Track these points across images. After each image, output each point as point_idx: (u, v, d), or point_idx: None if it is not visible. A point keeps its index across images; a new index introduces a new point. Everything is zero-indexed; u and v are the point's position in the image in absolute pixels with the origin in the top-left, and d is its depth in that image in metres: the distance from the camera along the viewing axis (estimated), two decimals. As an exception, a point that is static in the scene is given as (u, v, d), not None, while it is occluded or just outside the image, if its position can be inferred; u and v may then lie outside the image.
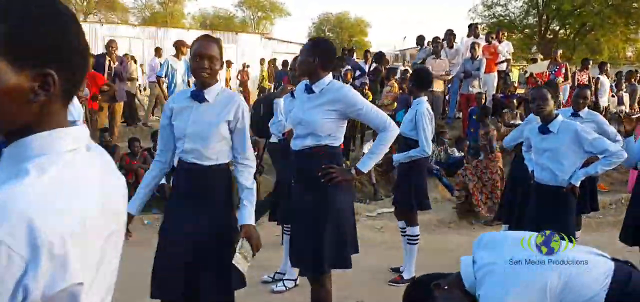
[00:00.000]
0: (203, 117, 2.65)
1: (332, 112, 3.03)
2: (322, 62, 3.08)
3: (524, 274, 1.67)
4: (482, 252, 1.84)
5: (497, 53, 9.72)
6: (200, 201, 2.66)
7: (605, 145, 3.59)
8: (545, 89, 3.86)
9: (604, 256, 1.91)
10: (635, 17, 22.16)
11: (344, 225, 3.10)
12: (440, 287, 1.76)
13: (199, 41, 2.65)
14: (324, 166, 3.01)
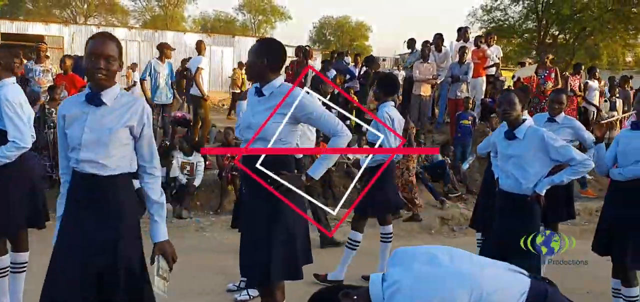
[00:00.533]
0: (101, 123, 2.39)
1: (282, 116, 2.93)
2: (271, 64, 2.98)
3: (432, 291, 1.56)
4: (393, 268, 1.74)
5: (486, 57, 9.60)
6: (101, 214, 2.41)
7: (571, 153, 3.47)
8: (512, 94, 3.75)
9: (521, 273, 1.80)
10: (635, 22, 21.99)
11: (294, 235, 2.99)
12: (349, 296, 1.66)
13: (93, 39, 2.43)
14: (271, 178, 2.91)
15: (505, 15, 25.78)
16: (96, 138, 2.38)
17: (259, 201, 3.00)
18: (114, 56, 2.40)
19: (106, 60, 2.37)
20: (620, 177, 3.89)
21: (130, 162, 2.49)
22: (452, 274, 1.62)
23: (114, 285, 2.40)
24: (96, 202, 2.41)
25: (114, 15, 36.72)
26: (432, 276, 1.61)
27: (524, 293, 1.69)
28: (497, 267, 1.79)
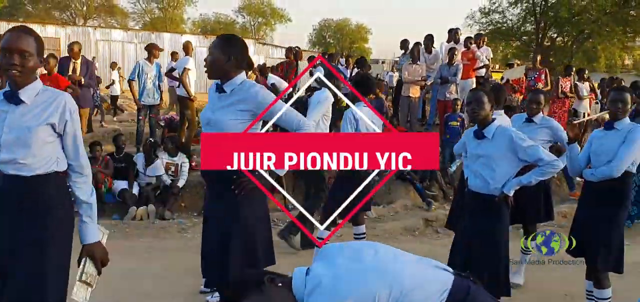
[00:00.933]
0: (21, 122, 2.27)
1: (244, 113, 2.90)
2: (237, 61, 2.96)
3: (351, 289, 1.53)
4: (317, 263, 1.71)
5: (475, 59, 9.56)
6: (27, 217, 2.30)
7: (539, 154, 3.43)
8: (482, 93, 3.70)
9: (445, 270, 1.77)
10: (633, 25, 21.92)
11: (254, 236, 2.95)
12: (274, 282, 1.63)
13: (7, 33, 2.31)
14: (235, 177, 2.87)
15: (503, 17, 25.74)
16: (15, 137, 2.26)
17: (219, 202, 2.97)
18: (30, 52, 2.28)
19: (21, 56, 2.26)
20: (592, 178, 3.84)
21: (57, 160, 2.38)
22: (373, 270, 1.59)
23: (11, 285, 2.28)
24: (20, 204, 2.30)
25: (113, 17, 36.81)
26: (353, 271, 1.58)
27: (445, 290, 1.66)
28: (422, 264, 1.76)
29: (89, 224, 2.46)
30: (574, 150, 3.91)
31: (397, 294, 1.55)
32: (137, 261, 5.15)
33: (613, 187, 3.77)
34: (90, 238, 2.47)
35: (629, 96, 3.87)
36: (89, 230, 2.46)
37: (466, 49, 9.65)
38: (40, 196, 2.32)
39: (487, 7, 25.31)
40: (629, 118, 3.83)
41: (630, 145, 3.71)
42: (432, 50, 9.79)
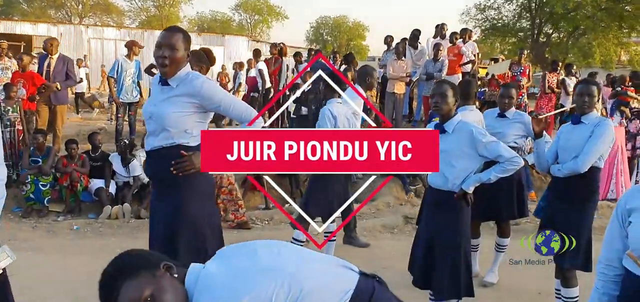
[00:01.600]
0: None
1: (189, 105, 2.81)
2: (188, 55, 2.89)
3: (247, 288, 1.44)
4: (213, 261, 1.62)
5: (461, 54, 9.46)
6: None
7: (499, 150, 3.34)
8: (446, 85, 3.60)
9: (351, 270, 1.68)
10: (628, 20, 21.77)
11: (202, 234, 2.86)
12: (170, 271, 1.54)
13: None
14: (174, 162, 2.77)
15: (499, 14, 25.61)
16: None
17: (163, 198, 2.88)
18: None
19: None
20: (559, 174, 3.75)
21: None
22: (271, 269, 1.50)
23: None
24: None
25: (109, 16, 36.71)
26: (249, 271, 1.50)
27: (349, 290, 1.57)
28: (326, 264, 1.67)
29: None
30: (540, 145, 3.81)
31: (296, 294, 1.46)
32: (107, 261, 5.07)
33: (580, 184, 3.68)
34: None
35: (596, 89, 3.78)
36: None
37: (452, 45, 9.54)
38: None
39: (482, 3, 25.18)
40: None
41: (597, 139, 3.62)
42: (417, 46, 9.68)
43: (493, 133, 4.59)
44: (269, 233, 6.28)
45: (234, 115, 2.89)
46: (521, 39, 25.16)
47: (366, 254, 5.59)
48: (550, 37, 24.56)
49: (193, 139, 2.84)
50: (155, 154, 2.86)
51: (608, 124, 3.69)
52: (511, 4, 24.84)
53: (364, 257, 5.50)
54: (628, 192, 2.05)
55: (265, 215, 6.82)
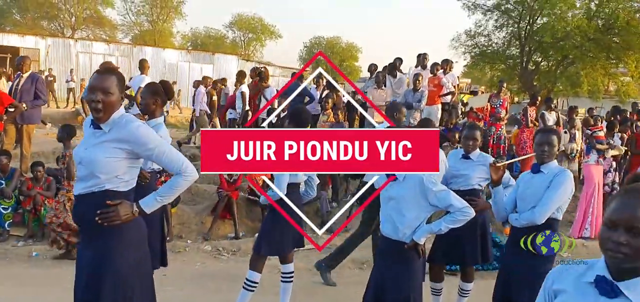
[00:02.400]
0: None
1: (120, 151, 2.69)
2: (121, 92, 2.78)
3: None
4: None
5: (441, 85, 9.41)
6: None
7: (450, 200, 3.24)
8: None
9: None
10: (615, 51, 21.88)
11: (129, 285, 2.72)
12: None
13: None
14: (99, 212, 2.66)
15: (489, 40, 25.65)
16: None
17: (90, 245, 2.75)
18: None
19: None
20: (516, 223, 3.66)
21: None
22: None
23: None
24: None
25: (102, 29, 36.63)
26: None
27: None
28: None
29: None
30: (498, 194, 3.72)
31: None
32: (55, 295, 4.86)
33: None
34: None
35: (556, 138, 3.70)
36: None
37: (432, 75, 9.50)
38: None
39: (472, 30, 25.25)
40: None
41: (556, 190, 3.54)
42: (396, 74, 9.63)
43: (457, 174, 4.55)
44: (235, 265, 6.14)
45: (165, 163, 2.78)
46: (510, 66, 25.25)
47: (331, 292, 5.47)
48: (539, 65, 24.62)
49: (123, 185, 2.73)
50: (83, 199, 2.74)
51: (567, 175, 3.61)
52: (501, 31, 24.92)
53: (327, 295, 5.39)
54: (556, 270, 1.93)
55: (233, 245, 6.68)
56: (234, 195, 7.33)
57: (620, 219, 1.63)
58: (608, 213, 1.71)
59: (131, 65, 20.31)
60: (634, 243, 1.60)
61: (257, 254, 4.36)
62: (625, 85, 22.64)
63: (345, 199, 8.71)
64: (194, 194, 8.05)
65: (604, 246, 1.68)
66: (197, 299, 5.00)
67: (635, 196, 1.67)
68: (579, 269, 1.85)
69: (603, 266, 1.73)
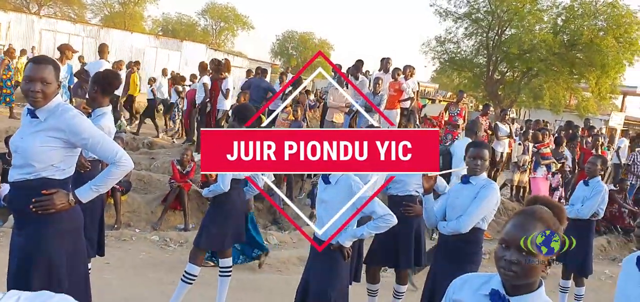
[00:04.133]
0: None
1: (56, 140, 2.71)
2: (57, 80, 2.79)
3: None
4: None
5: (402, 90, 9.57)
6: None
7: (374, 206, 3.35)
8: None
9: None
10: (578, 67, 22.53)
11: (58, 275, 2.74)
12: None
13: None
14: (34, 200, 2.68)
15: (458, 48, 26.07)
16: None
17: (22, 232, 2.77)
18: None
19: None
20: (443, 231, 3.80)
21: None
22: None
23: None
24: None
25: (70, 7, 35.73)
26: None
27: None
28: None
29: None
30: (428, 202, 3.84)
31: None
32: None
33: (463, 244, 3.73)
34: None
35: (487, 152, 3.85)
36: None
37: (393, 80, 9.64)
38: None
39: (443, 36, 25.64)
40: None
41: (480, 202, 3.68)
42: (358, 77, 9.75)
43: (396, 180, 4.67)
44: (181, 256, 6.14)
45: (99, 153, 2.82)
46: (477, 75, 25.75)
47: (274, 288, 5.53)
48: (504, 75, 25.16)
49: (60, 173, 2.76)
50: (18, 186, 2.75)
51: (493, 188, 3.75)
52: (470, 39, 25.36)
53: (269, 292, 5.45)
54: (458, 281, 2.04)
55: (181, 237, 6.68)
56: (185, 187, 7.32)
57: (513, 239, 1.75)
58: (503, 233, 1.82)
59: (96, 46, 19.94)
60: (524, 263, 1.71)
61: (197, 247, 4.40)
62: (585, 101, 23.31)
63: (299, 197, 8.79)
64: (147, 183, 8.00)
65: (497, 264, 1.79)
66: (136, 288, 5.00)
67: (528, 218, 1.78)
68: (480, 280, 1.96)
69: (499, 280, 1.85)
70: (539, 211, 1.78)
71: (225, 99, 9.59)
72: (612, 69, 21.24)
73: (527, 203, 1.96)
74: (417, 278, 5.82)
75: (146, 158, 9.56)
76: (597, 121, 22.99)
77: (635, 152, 10.95)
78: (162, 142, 11.56)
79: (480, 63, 25.85)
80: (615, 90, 23.57)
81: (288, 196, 8.67)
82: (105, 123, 3.89)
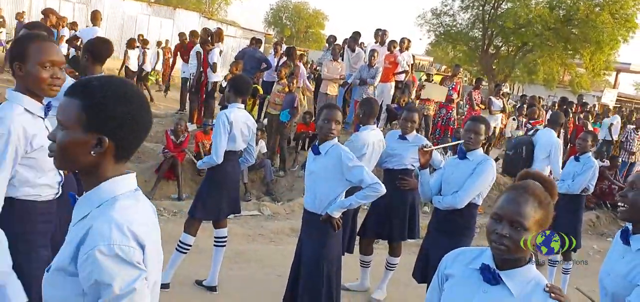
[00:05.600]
0: None
1: None
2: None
3: None
4: None
5: (397, 63, 9.52)
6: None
7: (362, 176, 3.35)
8: (336, 110, 3.59)
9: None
10: (573, 43, 22.49)
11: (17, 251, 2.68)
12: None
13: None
14: None
15: (454, 21, 25.91)
16: None
17: None
18: None
19: None
20: (439, 206, 3.83)
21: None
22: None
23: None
24: None
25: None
26: None
27: None
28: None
29: None
30: (424, 176, 3.86)
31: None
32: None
33: (457, 219, 3.76)
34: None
35: (484, 127, 3.85)
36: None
37: (389, 53, 9.59)
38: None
39: (438, 8, 25.46)
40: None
41: (477, 177, 3.70)
42: (355, 49, 9.68)
43: (392, 154, 4.68)
44: (175, 226, 6.16)
45: None
46: (472, 49, 25.66)
47: (266, 259, 5.57)
48: (499, 50, 25.10)
49: None
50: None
51: (490, 164, 3.77)
52: (466, 12, 25.19)
53: (262, 261, 5.49)
54: (450, 255, 2.06)
55: (175, 206, 6.69)
56: (179, 157, 7.30)
57: (505, 213, 1.77)
58: (495, 207, 1.84)
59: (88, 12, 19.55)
60: (515, 237, 1.74)
61: (192, 217, 4.42)
62: (579, 77, 23.33)
63: (292, 169, 8.80)
64: (140, 152, 7.97)
65: (489, 237, 1.81)
66: (131, 258, 5.01)
67: (521, 192, 1.79)
68: (471, 255, 1.98)
69: (490, 255, 1.87)
70: (531, 186, 1.79)
71: (213, 72, 9.50)
72: (607, 45, 21.20)
73: (520, 178, 1.97)
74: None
75: (139, 127, 9.50)
76: (590, 97, 23.10)
77: (628, 129, 11.03)
78: (155, 111, 11.50)
79: (475, 37, 25.73)
80: (610, 66, 23.59)
81: (281, 167, 8.69)
82: None
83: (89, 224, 1.34)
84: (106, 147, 1.38)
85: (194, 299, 4.46)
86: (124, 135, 1.41)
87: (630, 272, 2.21)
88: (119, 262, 1.29)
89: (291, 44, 23.52)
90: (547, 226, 1.81)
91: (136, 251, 1.33)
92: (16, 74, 2.32)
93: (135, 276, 1.31)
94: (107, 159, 1.41)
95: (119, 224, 1.32)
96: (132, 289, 1.30)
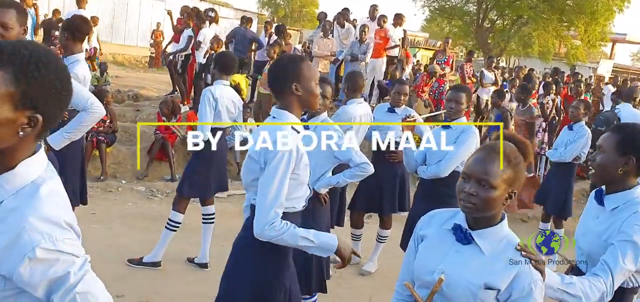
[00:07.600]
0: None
1: None
2: (21, 26, 2.75)
3: None
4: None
5: (388, 38, 9.49)
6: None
7: (351, 154, 3.36)
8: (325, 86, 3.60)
9: None
10: (568, 15, 22.40)
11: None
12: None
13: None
14: None
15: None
16: None
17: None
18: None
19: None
20: (423, 175, 3.86)
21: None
22: None
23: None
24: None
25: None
26: None
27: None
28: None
29: None
30: (408, 152, 3.88)
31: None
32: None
33: (441, 187, 3.78)
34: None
35: (465, 96, 3.86)
36: None
37: (379, 28, 9.54)
38: None
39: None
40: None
41: (460, 146, 3.72)
42: (344, 24, 9.64)
43: (381, 128, 4.69)
44: (168, 206, 6.18)
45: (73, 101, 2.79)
46: (467, 23, 25.54)
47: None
48: (494, 23, 24.99)
49: None
50: None
51: (472, 132, 3.80)
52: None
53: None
54: (426, 217, 2.08)
55: (167, 186, 6.72)
56: (170, 138, 7.31)
57: (473, 172, 1.79)
58: (464, 166, 1.86)
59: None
60: (483, 194, 1.75)
61: (180, 195, 4.44)
62: (574, 49, 23.25)
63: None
64: (132, 135, 7.98)
65: (458, 197, 1.83)
66: (123, 237, 5.06)
67: (489, 152, 1.81)
68: (446, 215, 2.01)
69: (463, 216, 1.89)
70: (499, 146, 1.81)
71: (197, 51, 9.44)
72: (602, 15, 21.13)
73: (495, 139, 1.99)
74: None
75: (131, 110, 9.49)
76: (585, 69, 23.07)
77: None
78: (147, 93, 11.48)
79: (470, 11, 25.61)
80: (605, 37, 23.50)
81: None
82: (79, 70, 3.81)
83: (12, 219, 1.15)
84: (39, 125, 1.17)
85: (186, 276, 4.50)
86: (54, 111, 1.21)
87: (605, 232, 2.23)
88: (62, 255, 1.17)
89: (285, 23, 23.34)
90: (517, 186, 1.82)
91: (76, 241, 1.22)
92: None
93: (80, 263, 1.19)
94: (29, 138, 1.20)
95: (55, 219, 1.17)
96: (83, 273, 1.19)
